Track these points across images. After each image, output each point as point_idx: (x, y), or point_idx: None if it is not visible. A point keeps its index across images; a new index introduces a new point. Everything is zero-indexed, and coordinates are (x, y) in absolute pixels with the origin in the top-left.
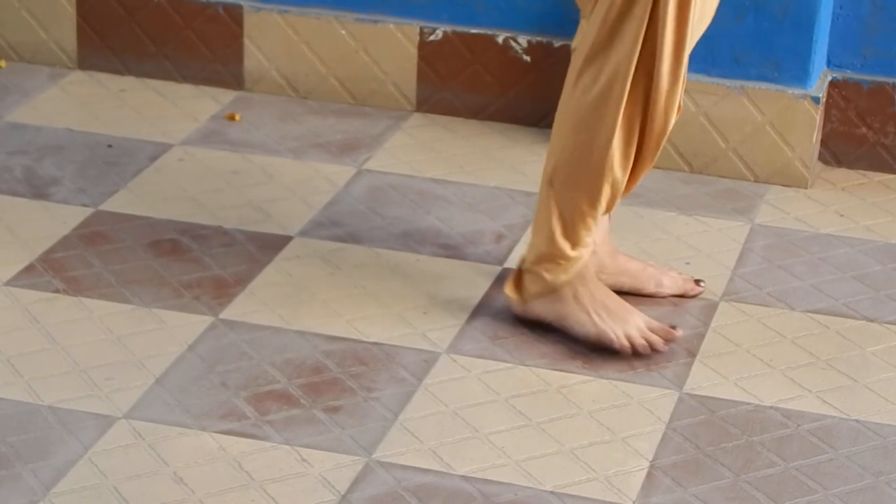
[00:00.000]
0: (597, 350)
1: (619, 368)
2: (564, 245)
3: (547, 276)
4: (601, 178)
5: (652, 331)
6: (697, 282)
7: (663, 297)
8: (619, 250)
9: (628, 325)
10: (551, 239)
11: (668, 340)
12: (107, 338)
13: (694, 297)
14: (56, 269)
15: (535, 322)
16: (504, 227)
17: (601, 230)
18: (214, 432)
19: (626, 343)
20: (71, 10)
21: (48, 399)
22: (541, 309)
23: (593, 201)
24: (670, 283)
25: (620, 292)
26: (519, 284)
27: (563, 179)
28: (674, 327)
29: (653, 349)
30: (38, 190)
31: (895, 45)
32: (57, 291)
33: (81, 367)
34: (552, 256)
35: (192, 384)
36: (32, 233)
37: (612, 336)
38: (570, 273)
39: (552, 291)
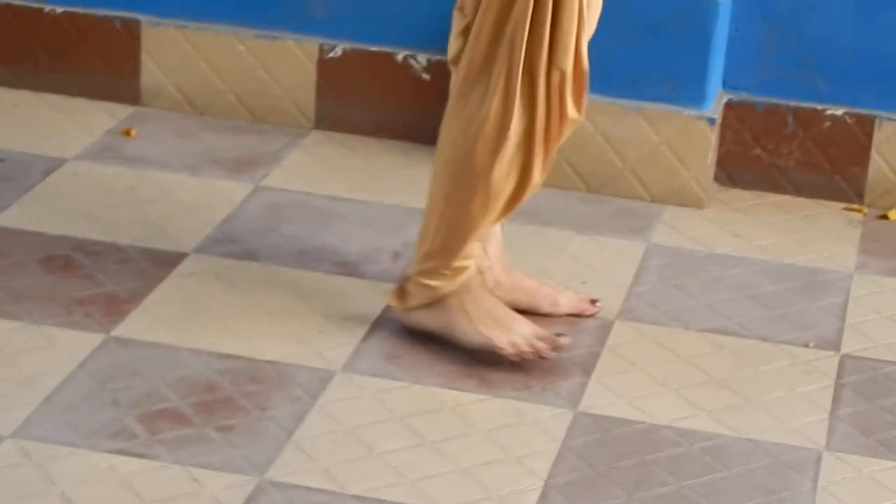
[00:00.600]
0: (493, 368)
1: (514, 387)
2: (450, 256)
3: (432, 284)
4: (487, 190)
5: (539, 339)
6: (593, 301)
7: (559, 316)
8: (516, 269)
9: (514, 332)
10: (437, 249)
11: (554, 348)
12: None
13: (590, 316)
14: None
15: (421, 333)
16: (401, 244)
17: (495, 246)
18: (104, 451)
19: (511, 350)
20: None
21: None
22: (426, 319)
23: (480, 212)
24: (566, 302)
25: (516, 310)
26: (403, 294)
27: (449, 191)
28: (560, 335)
29: (539, 356)
30: None
31: (790, 66)
32: None
33: None
34: (437, 267)
35: (82, 403)
36: None
37: (498, 343)
38: (456, 283)
39: (437, 301)
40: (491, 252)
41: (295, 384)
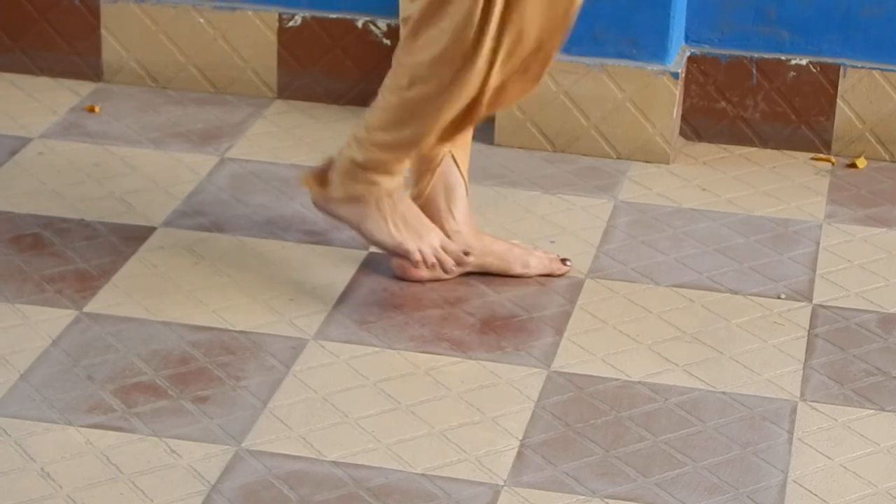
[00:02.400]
0: (465, 331)
1: (487, 348)
2: (381, 171)
3: (356, 187)
4: (430, 126)
5: (446, 251)
6: (563, 260)
7: (530, 277)
8: (484, 231)
9: (423, 240)
10: (370, 161)
11: (459, 264)
12: None
13: (560, 276)
14: None
15: (333, 218)
16: None
17: (462, 210)
18: (81, 426)
19: (418, 257)
20: None
21: None
22: (341, 209)
23: (420, 136)
24: (536, 262)
25: (487, 274)
26: (323, 180)
27: (392, 118)
28: (467, 253)
29: (443, 268)
30: None
31: (752, 18)
32: None
33: None
34: (366, 175)
35: (58, 379)
36: None
37: (409, 247)
38: (381, 192)
39: (357, 199)
40: (458, 216)
41: (268, 353)
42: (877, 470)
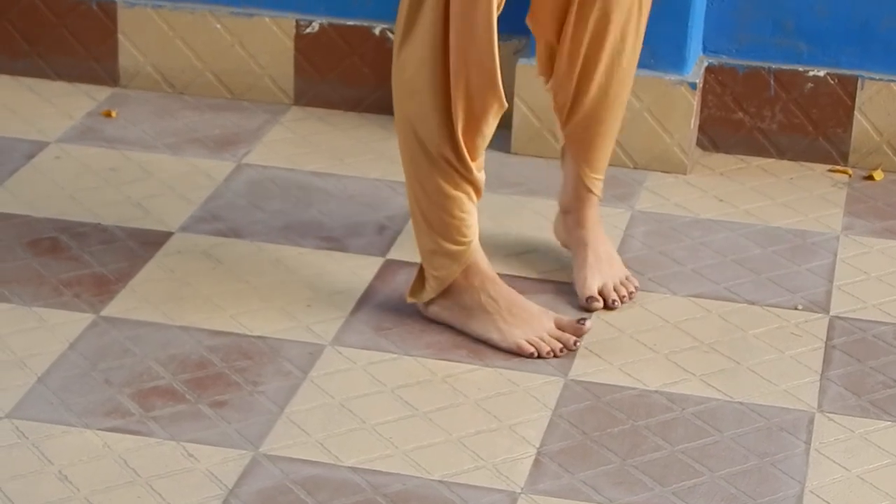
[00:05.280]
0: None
1: (504, 356)
2: (437, 234)
3: (436, 273)
4: (437, 160)
5: (561, 328)
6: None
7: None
8: (501, 239)
9: (533, 329)
10: (424, 230)
11: (578, 335)
12: None
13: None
14: None
15: (442, 322)
16: (385, 218)
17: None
18: (98, 430)
19: (532, 350)
20: None
21: None
22: (443, 312)
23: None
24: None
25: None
26: (419, 285)
27: (410, 169)
28: (582, 321)
29: (566, 349)
30: None
31: (770, 29)
32: None
33: None
34: (434, 250)
35: (75, 382)
36: None
37: (520, 343)
38: (460, 264)
39: (450, 291)
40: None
41: (285, 359)
42: (894, 481)
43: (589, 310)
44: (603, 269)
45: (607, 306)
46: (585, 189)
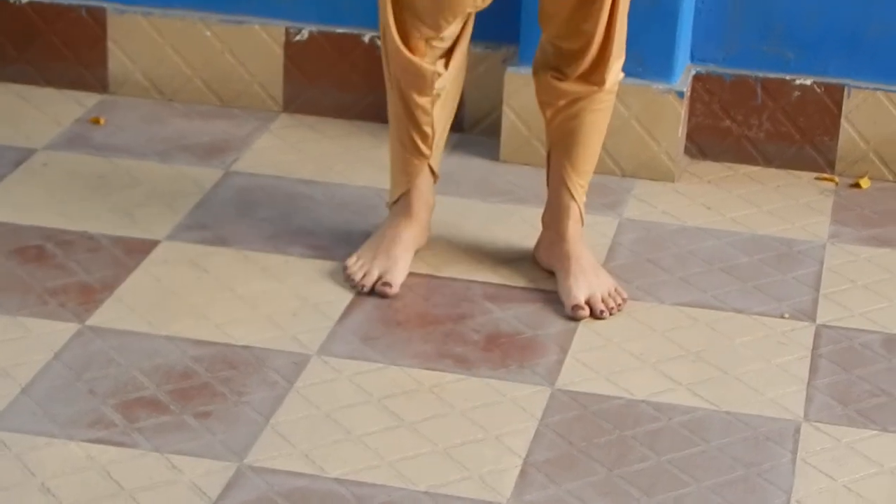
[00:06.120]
0: (468, 348)
1: (491, 366)
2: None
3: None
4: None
5: (380, 280)
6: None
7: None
8: (491, 247)
9: (376, 265)
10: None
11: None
12: None
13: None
14: None
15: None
16: (373, 226)
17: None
18: (82, 441)
19: (349, 270)
20: None
21: None
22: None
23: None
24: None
25: (491, 290)
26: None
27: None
28: (387, 284)
29: (370, 287)
30: None
31: (757, 38)
32: None
33: None
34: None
35: (59, 392)
36: None
37: (350, 259)
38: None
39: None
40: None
41: (271, 368)
42: (880, 491)
43: (575, 318)
44: (589, 280)
45: (595, 316)
46: (568, 195)
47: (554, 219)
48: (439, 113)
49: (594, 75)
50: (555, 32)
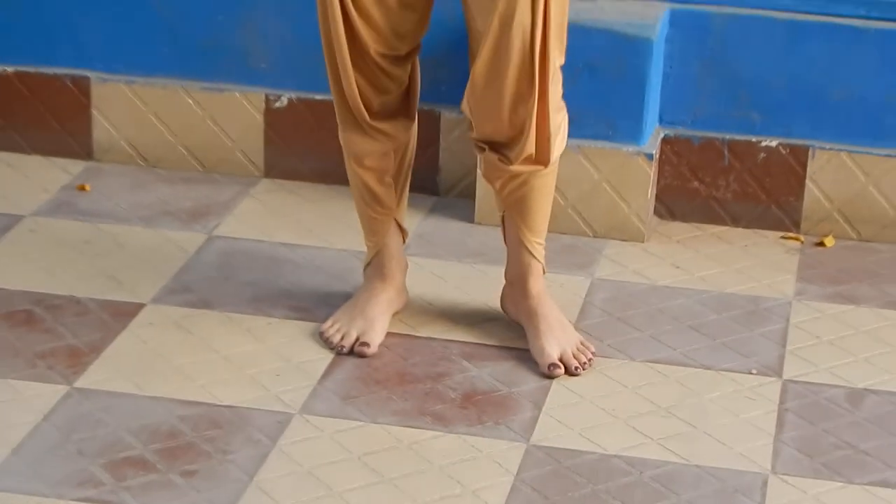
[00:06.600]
0: (446, 405)
1: (468, 423)
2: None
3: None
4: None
5: (359, 338)
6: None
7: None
8: (466, 307)
9: (352, 325)
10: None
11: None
12: None
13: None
14: None
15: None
16: (353, 288)
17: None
18: (71, 500)
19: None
20: None
21: None
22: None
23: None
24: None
25: (468, 349)
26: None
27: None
28: (365, 344)
29: (349, 348)
30: None
31: (723, 101)
32: None
33: None
34: (362, 222)
35: (48, 453)
36: None
37: (327, 322)
38: (374, 247)
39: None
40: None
41: (254, 427)
42: None
43: (551, 377)
44: (558, 336)
45: (570, 373)
46: (528, 254)
47: (517, 276)
48: (395, 170)
49: (538, 156)
50: (490, 129)
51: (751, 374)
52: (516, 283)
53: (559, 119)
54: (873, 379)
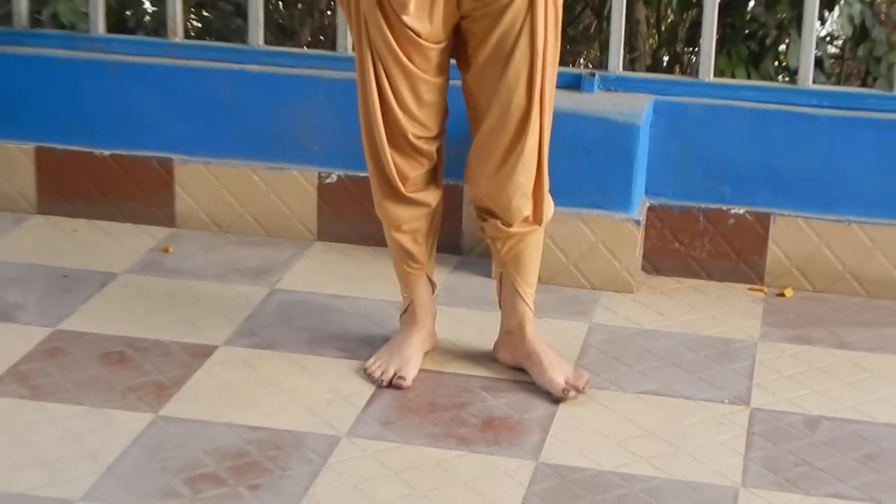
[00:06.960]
0: (469, 430)
1: (486, 444)
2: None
3: (402, 293)
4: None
5: (396, 373)
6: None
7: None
8: (478, 351)
9: (392, 363)
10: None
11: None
12: (65, 435)
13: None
14: (21, 380)
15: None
16: (391, 331)
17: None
18: None
19: (370, 368)
20: (30, 165)
21: (16, 488)
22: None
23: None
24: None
25: (488, 382)
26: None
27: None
28: (401, 378)
29: (388, 382)
30: (5, 314)
31: (699, 177)
32: (23, 398)
33: (44, 460)
34: (399, 275)
35: (137, 471)
36: (1, 350)
37: (370, 359)
38: (409, 297)
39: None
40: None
41: (308, 448)
42: None
43: (565, 399)
44: (558, 368)
45: (579, 391)
46: (523, 303)
47: (516, 325)
48: (426, 232)
49: (534, 217)
50: (490, 204)
51: (723, 403)
52: (515, 330)
53: (546, 183)
54: (827, 408)
